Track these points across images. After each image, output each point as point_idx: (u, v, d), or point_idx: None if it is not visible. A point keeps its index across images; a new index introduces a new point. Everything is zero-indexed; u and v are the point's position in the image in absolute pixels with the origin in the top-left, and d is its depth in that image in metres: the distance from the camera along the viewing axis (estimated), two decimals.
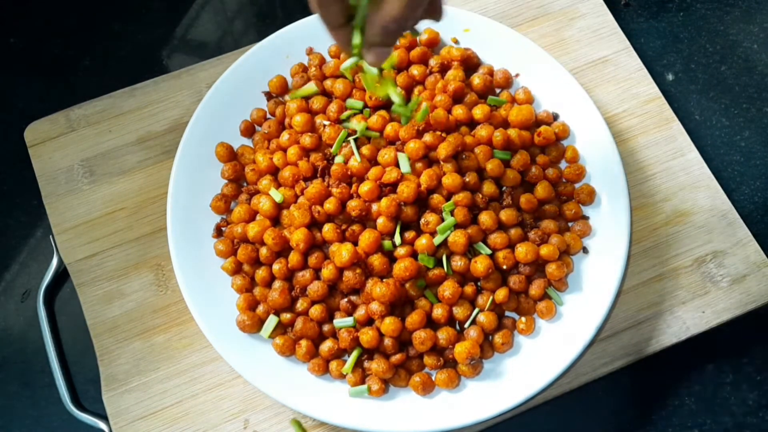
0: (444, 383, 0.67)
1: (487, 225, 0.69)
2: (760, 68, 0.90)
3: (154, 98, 0.84)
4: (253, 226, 0.70)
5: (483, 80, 0.76)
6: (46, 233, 0.83)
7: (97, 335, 0.74)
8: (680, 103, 0.87)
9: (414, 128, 0.70)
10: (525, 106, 0.75)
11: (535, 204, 0.72)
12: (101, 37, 0.94)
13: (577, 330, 0.68)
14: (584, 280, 0.71)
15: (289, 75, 0.80)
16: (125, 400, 0.72)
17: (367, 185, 0.68)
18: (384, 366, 0.66)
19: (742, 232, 0.77)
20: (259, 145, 0.77)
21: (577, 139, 0.76)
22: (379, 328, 0.66)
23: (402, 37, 0.79)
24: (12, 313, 0.80)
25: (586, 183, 0.75)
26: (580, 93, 0.76)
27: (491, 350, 0.69)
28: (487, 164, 0.71)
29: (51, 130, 0.82)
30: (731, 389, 0.76)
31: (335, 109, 0.74)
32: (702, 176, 0.80)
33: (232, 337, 0.69)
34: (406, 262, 0.66)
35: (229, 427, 0.70)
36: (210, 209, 0.74)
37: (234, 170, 0.75)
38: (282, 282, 0.70)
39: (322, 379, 0.68)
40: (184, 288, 0.69)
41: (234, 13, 0.96)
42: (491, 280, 0.68)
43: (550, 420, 0.74)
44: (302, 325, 0.68)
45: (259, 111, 0.78)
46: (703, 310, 0.74)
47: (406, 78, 0.77)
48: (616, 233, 0.71)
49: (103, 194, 0.80)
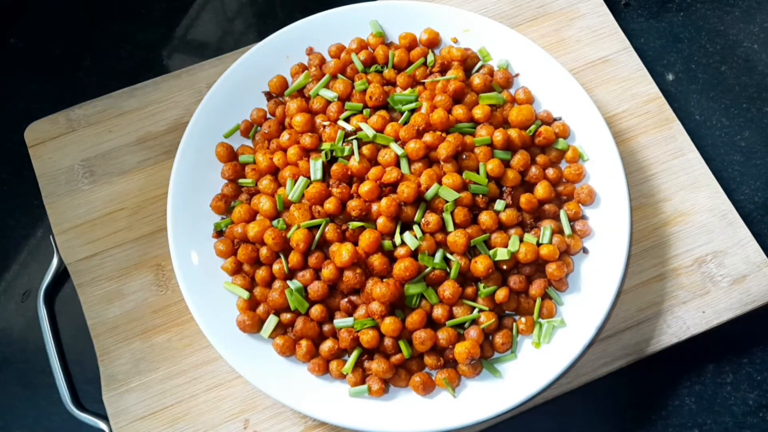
0: (444, 383, 0.67)
1: (487, 225, 0.69)
2: (761, 68, 0.90)
3: (154, 98, 0.84)
4: (253, 226, 0.69)
5: (483, 80, 0.76)
6: (46, 233, 0.83)
7: (97, 335, 0.74)
8: (680, 103, 0.87)
9: (414, 128, 0.70)
10: (525, 106, 0.75)
11: (536, 204, 0.72)
12: (101, 37, 0.94)
13: (577, 330, 0.68)
14: (584, 280, 0.71)
15: (290, 75, 0.80)
16: (125, 400, 0.71)
17: (368, 185, 0.68)
18: (384, 366, 0.66)
19: (742, 232, 0.77)
20: (259, 145, 0.77)
21: (577, 139, 0.76)
22: (379, 328, 0.66)
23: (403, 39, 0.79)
24: (12, 314, 0.80)
25: (586, 183, 0.75)
26: (581, 93, 0.76)
27: (491, 350, 0.69)
28: (487, 164, 0.71)
29: (51, 130, 0.82)
30: (731, 389, 0.76)
31: (335, 109, 0.74)
32: (702, 176, 0.80)
33: (232, 337, 0.69)
34: (406, 262, 0.66)
35: (229, 427, 0.70)
36: (210, 209, 0.74)
37: (234, 170, 0.75)
38: (282, 282, 0.69)
39: (323, 379, 0.68)
40: (185, 288, 0.69)
41: (234, 13, 0.96)
42: (491, 279, 0.68)
43: (551, 420, 0.74)
44: (302, 325, 0.68)
45: (259, 111, 0.78)
46: (703, 310, 0.74)
47: (406, 78, 0.77)
48: (617, 234, 0.71)
49: (104, 194, 0.80)
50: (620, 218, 0.71)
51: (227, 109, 0.77)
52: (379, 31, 0.80)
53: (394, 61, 0.78)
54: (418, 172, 0.70)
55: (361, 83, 0.75)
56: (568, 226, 0.72)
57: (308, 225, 0.68)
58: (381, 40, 0.80)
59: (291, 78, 0.80)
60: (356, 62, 0.78)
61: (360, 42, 0.80)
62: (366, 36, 0.80)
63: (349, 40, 0.80)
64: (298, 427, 0.70)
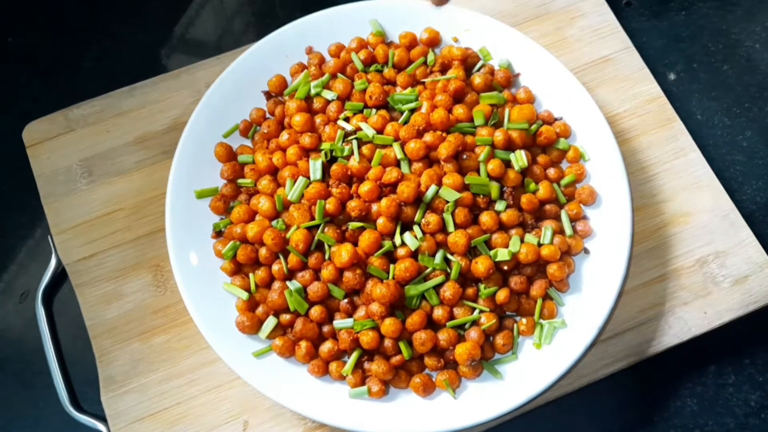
0: (444, 385, 0.66)
1: (488, 225, 0.68)
2: (762, 68, 0.90)
3: (153, 98, 0.83)
4: (252, 227, 0.69)
5: (484, 79, 0.76)
6: (44, 234, 0.83)
7: (95, 336, 0.74)
8: (682, 102, 0.86)
9: (414, 128, 0.70)
10: (526, 106, 0.75)
11: (537, 204, 0.72)
12: (101, 37, 0.94)
13: (578, 331, 0.67)
14: (585, 281, 0.71)
15: (289, 74, 0.79)
16: (124, 402, 0.71)
17: (367, 185, 0.67)
18: (384, 367, 0.66)
19: (744, 233, 0.77)
20: (258, 145, 0.77)
21: (578, 139, 0.76)
22: (379, 329, 0.66)
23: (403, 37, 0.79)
24: (11, 314, 0.80)
25: (587, 183, 0.74)
26: (582, 92, 0.75)
27: (492, 351, 0.69)
28: (488, 164, 0.70)
29: (49, 130, 0.82)
30: (733, 390, 0.75)
31: (335, 109, 0.74)
32: (704, 176, 0.79)
33: (231, 338, 0.68)
34: (406, 262, 0.65)
35: (228, 428, 0.70)
36: (209, 209, 0.74)
37: (233, 170, 0.75)
38: (281, 283, 0.69)
39: (322, 381, 0.68)
40: (184, 289, 0.69)
41: (233, 12, 0.96)
42: (492, 280, 0.68)
43: (552, 421, 0.74)
44: (302, 326, 0.67)
45: (258, 111, 0.78)
46: (705, 311, 0.74)
47: (407, 77, 0.76)
48: (618, 234, 0.70)
49: (102, 194, 0.79)
50: (622, 218, 0.71)
51: (226, 108, 0.77)
52: (379, 30, 0.79)
53: (394, 60, 0.77)
54: (418, 172, 0.69)
55: (361, 83, 0.75)
56: (569, 226, 0.72)
57: (308, 225, 0.68)
58: (381, 39, 0.79)
59: (290, 77, 0.79)
60: (356, 61, 0.77)
61: (360, 41, 0.79)
62: (366, 35, 0.80)
63: (348, 40, 0.80)
64: (298, 428, 0.70)
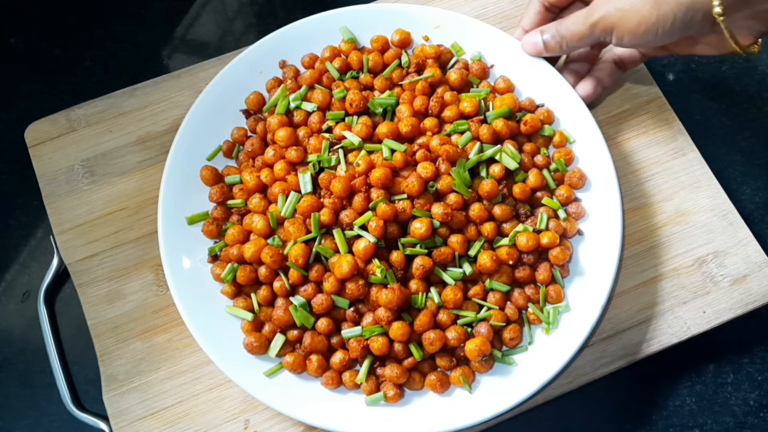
0: (460, 381, 0.66)
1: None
2: (761, 68, 0.90)
3: (154, 98, 0.84)
4: (249, 247, 0.68)
5: (460, 75, 0.76)
6: (46, 233, 0.83)
7: (97, 335, 0.74)
8: (681, 102, 0.86)
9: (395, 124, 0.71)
10: (508, 95, 0.75)
11: (529, 192, 0.72)
12: (101, 37, 0.94)
13: (582, 313, 0.68)
14: (583, 262, 0.71)
15: (266, 90, 0.79)
16: (126, 401, 0.71)
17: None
18: (397, 371, 0.66)
19: (743, 232, 0.77)
20: (244, 164, 0.75)
21: (561, 124, 0.76)
22: (388, 334, 0.66)
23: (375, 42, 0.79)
24: (12, 314, 0.80)
25: (576, 167, 0.75)
26: (553, 74, 0.75)
27: (500, 344, 0.69)
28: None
29: (51, 130, 0.82)
30: (732, 389, 0.76)
31: (317, 119, 0.73)
32: (703, 176, 0.80)
33: (240, 361, 0.67)
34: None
35: (229, 427, 0.70)
36: (202, 234, 0.73)
37: (221, 192, 0.73)
38: (284, 299, 0.68)
39: (337, 392, 0.68)
40: (189, 321, 0.67)
41: (234, 13, 0.96)
42: (502, 274, 0.69)
43: (551, 420, 0.74)
44: (311, 340, 0.66)
45: (239, 130, 0.77)
46: (703, 310, 0.74)
47: (384, 81, 0.76)
48: (610, 213, 0.70)
49: (104, 194, 0.80)
50: (610, 195, 0.71)
51: (207, 131, 0.76)
52: (350, 37, 0.79)
53: (369, 65, 0.77)
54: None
55: (340, 91, 0.74)
56: (562, 210, 0.72)
57: (305, 239, 0.67)
58: (353, 45, 0.79)
59: (267, 93, 0.79)
60: (331, 70, 0.77)
61: (332, 49, 0.78)
62: (337, 43, 0.79)
63: (320, 50, 0.79)
64: (299, 427, 0.70)
